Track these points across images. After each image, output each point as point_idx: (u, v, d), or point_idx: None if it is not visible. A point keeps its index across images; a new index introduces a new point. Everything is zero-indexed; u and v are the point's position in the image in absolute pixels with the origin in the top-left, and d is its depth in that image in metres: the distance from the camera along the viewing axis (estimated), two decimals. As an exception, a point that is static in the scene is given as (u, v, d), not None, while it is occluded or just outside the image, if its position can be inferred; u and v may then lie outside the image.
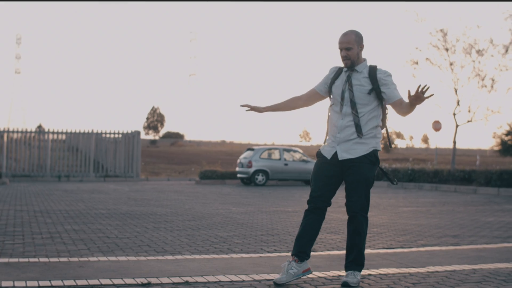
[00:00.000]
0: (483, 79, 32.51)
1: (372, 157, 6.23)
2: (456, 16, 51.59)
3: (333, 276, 6.52)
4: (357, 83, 6.27)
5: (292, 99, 6.79)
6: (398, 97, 6.20)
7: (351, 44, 6.26)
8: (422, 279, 6.43)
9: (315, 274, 6.57)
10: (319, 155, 6.46)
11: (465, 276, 6.66)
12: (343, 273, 6.61)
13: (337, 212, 14.24)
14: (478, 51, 32.36)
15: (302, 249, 6.27)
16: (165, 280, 6.16)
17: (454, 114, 32.79)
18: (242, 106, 6.75)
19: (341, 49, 6.32)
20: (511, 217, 13.76)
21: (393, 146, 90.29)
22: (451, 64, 32.76)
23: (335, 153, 6.30)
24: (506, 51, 31.99)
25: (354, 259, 6.21)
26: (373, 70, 6.29)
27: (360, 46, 6.31)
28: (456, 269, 7.07)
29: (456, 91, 32.82)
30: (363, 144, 6.22)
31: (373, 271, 6.81)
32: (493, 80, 32.54)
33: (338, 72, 6.49)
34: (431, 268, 7.07)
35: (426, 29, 35.46)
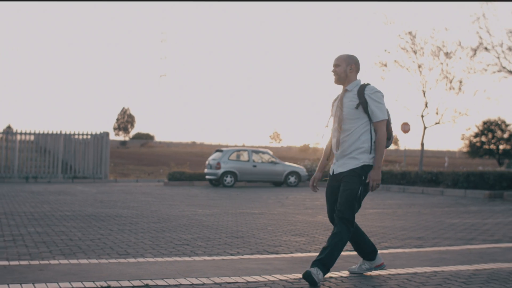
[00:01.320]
0: (451, 82, 32.72)
1: (359, 171, 6.48)
2: (425, 18, 51.94)
3: (294, 278, 6.50)
4: (347, 101, 6.64)
5: (327, 148, 7.08)
6: (378, 118, 6.51)
7: (339, 62, 6.73)
8: (383, 282, 6.45)
9: (276, 276, 6.57)
10: (328, 173, 6.93)
11: (426, 278, 6.68)
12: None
13: (302, 214, 14.27)
14: (446, 54, 32.57)
15: (361, 254, 6.91)
16: (125, 283, 6.12)
17: (422, 116, 32.99)
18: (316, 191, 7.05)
19: (332, 66, 6.78)
20: (476, 219, 13.84)
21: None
22: (419, 66, 32.95)
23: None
24: (474, 53, 32.21)
25: (322, 259, 6.29)
26: (362, 87, 6.63)
27: (350, 66, 6.71)
28: (417, 271, 7.09)
29: (424, 93, 33.00)
30: (355, 159, 6.53)
31: (334, 274, 6.81)
32: (461, 82, 32.75)
33: (336, 97, 6.89)
34: (393, 271, 7.09)
35: (394, 31, 35.69)
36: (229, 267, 7.20)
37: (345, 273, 6.88)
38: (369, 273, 6.92)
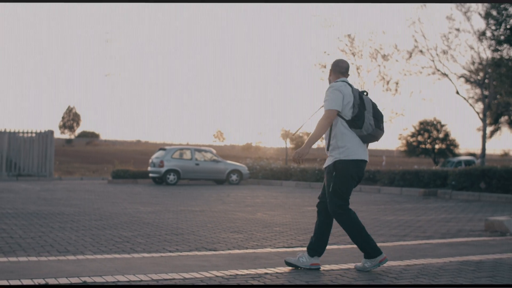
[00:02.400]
0: (388, 83, 33.16)
1: (331, 168, 6.94)
2: (363, 22, 52.49)
3: (230, 275, 6.50)
4: None
5: None
6: (325, 109, 6.86)
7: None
8: (316, 277, 6.48)
9: (213, 273, 6.55)
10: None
11: (358, 274, 6.74)
12: (241, 272, 6.63)
13: (242, 212, 14.29)
14: (383, 56, 32.99)
15: (310, 242, 7.18)
16: (63, 280, 6.04)
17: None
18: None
19: None
20: (410, 216, 14.02)
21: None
22: (357, 68, 33.32)
23: None
24: (410, 56, 32.68)
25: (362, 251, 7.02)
26: None
27: (332, 71, 7.10)
28: (350, 267, 7.15)
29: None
30: (330, 156, 7.03)
31: (270, 270, 6.82)
32: (397, 84, 33.22)
33: None
34: (327, 267, 7.12)
35: (334, 34, 36.04)
36: (167, 264, 7.17)
37: (280, 269, 6.89)
38: (303, 268, 6.95)
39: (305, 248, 8.58)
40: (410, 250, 8.67)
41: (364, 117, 6.86)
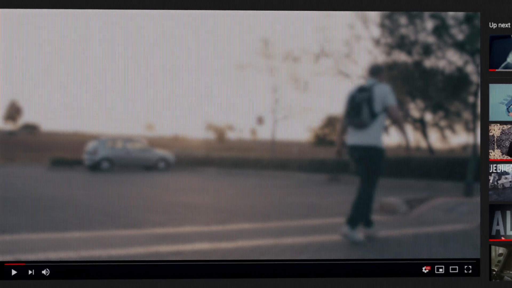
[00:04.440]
0: (298, 82, 33.48)
1: None
2: (277, 27, 52.88)
3: (151, 252, 6.49)
4: None
5: None
6: None
7: None
8: (229, 253, 6.51)
9: (136, 250, 6.53)
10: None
11: (267, 249, 6.79)
12: (162, 248, 6.64)
13: (167, 195, 14.20)
14: (294, 59, 33.26)
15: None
16: (-2, 258, 5.93)
17: (274, 111, 33.59)
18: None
19: None
20: (315, 198, 14.13)
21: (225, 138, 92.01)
22: (271, 69, 33.53)
23: None
24: (317, 59, 33.06)
25: None
26: None
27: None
28: (260, 243, 7.20)
29: (275, 92, 33.59)
30: None
31: (188, 247, 6.83)
32: (306, 83, 33.54)
33: None
34: (240, 244, 7.16)
35: (250, 37, 36.21)
36: (96, 241, 7.10)
37: (198, 246, 6.90)
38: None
39: (215, 227, 8.63)
40: (313, 228, 8.76)
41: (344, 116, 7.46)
